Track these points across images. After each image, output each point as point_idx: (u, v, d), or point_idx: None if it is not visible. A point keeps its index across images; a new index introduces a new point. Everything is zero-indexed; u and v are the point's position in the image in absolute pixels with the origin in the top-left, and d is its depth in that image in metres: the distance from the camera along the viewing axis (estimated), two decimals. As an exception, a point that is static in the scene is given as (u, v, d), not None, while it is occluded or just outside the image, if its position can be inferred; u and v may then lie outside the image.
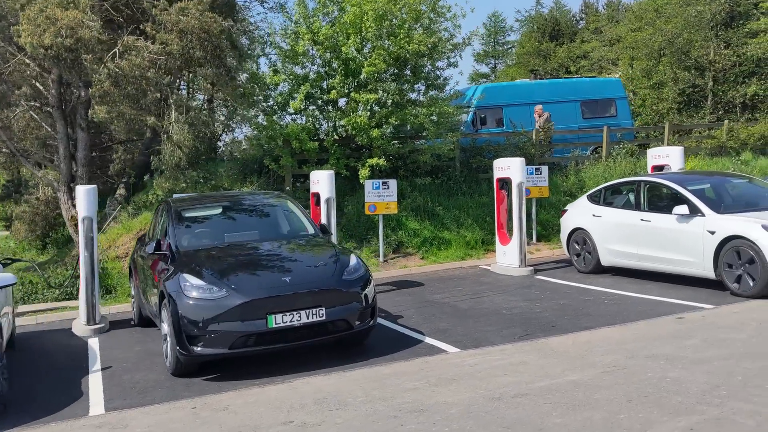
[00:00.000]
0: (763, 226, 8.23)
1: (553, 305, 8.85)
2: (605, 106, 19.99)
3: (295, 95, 12.66)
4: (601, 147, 17.77)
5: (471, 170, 15.86)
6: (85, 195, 8.96)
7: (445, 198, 14.68)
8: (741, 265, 8.38)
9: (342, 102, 13.81)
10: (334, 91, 12.64)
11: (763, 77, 26.52)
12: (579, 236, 11.21)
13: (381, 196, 12.72)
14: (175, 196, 10.09)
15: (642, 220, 9.92)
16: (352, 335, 6.82)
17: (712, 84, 27.52)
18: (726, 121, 19.46)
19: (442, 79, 14.09)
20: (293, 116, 13.87)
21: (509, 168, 11.72)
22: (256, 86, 12.92)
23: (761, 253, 8.11)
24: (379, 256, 12.88)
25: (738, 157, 18.48)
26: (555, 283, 10.50)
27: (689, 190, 9.43)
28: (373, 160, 13.04)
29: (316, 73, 13.48)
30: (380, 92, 12.71)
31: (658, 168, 13.19)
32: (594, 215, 10.96)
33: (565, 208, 12.05)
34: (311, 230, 8.01)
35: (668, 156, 12.97)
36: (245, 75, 13.16)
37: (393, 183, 12.78)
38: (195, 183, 13.03)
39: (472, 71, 57.39)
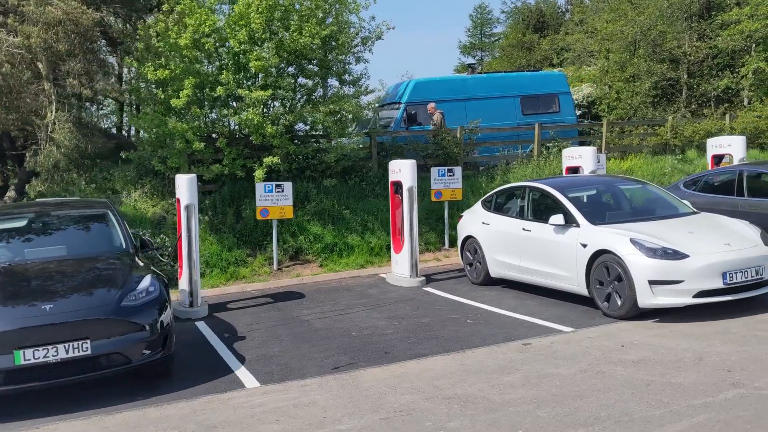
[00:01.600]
0: (632, 240, 7.42)
1: (412, 325, 8.05)
2: (547, 102, 19.13)
3: (183, 91, 11.76)
4: (544, 144, 16.88)
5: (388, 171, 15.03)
6: None
7: (355, 200, 13.85)
8: (610, 282, 7.59)
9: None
10: (220, 87, 11.77)
11: (735, 70, 25.66)
12: (471, 245, 10.41)
13: (275, 200, 11.90)
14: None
15: (524, 229, 9.11)
16: (135, 369, 6.00)
17: (687, 77, 26.69)
18: (670, 118, 18.62)
19: (349, 74, 13.22)
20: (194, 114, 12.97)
21: (400, 171, 10.91)
22: (142, 82, 12.04)
23: (627, 270, 7.32)
24: (273, 264, 12.07)
25: (682, 154, 17.70)
26: (437, 296, 9.70)
27: (568, 198, 8.61)
28: (269, 159, 12.19)
29: (217, 68, 12.60)
30: (270, 89, 11.82)
31: (573, 169, 12.43)
32: (483, 222, 10.16)
33: (462, 214, 11.25)
34: (124, 246, 7.20)
35: (581, 156, 12.20)
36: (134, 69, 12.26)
37: (288, 186, 11.96)
38: (78, 186, 12.20)
39: (458, 63, 56.49)
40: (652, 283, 7.13)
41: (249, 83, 12.02)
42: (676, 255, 7.17)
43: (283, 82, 12.19)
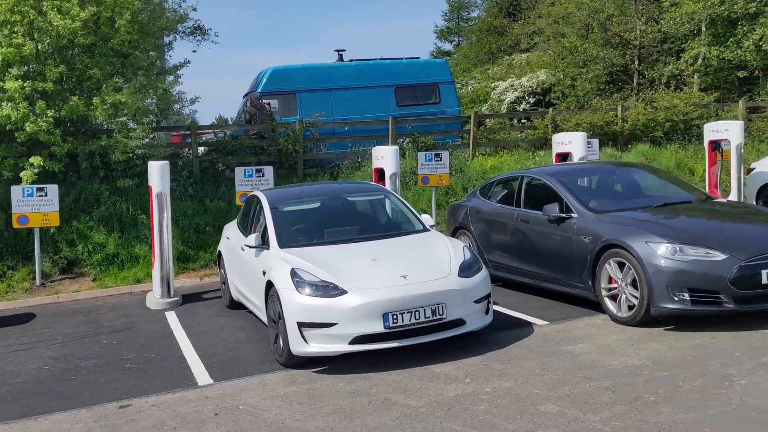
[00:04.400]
0: (293, 271, 5.99)
1: (54, 372, 6.52)
2: (426, 92, 17.65)
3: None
4: (414, 138, 15.36)
5: (218, 170, 13.65)
6: None
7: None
8: (276, 321, 6.18)
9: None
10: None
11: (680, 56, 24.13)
12: (222, 261, 9.00)
13: (36, 206, 10.47)
14: None
15: (242, 248, 7.68)
16: None
17: (638, 63, 25.21)
18: (550, 110, 17.11)
19: (134, 63, 11.74)
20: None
21: (151, 174, 9.47)
22: None
23: (282, 307, 5.90)
24: (36, 279, 10.64)
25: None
26: (163, 325, 8.25)
27: (274, 212, 7.18)
28: (35, 159, 10.75)
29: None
30: (30, 80, 10.34)
31: (380, 171, 11.03)
32: (227, 237, 8.75)
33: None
34: None
35: (383, 157, 10.80)
36: None
37: (53, 189, 10.53)
38: None
39: (434, 49, 54.79)
40: (302, 325, 5.71)
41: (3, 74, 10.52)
42: (334, 291, 5.74)
43: (50, 72, 10.68)
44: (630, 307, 6.40)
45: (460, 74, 35.24)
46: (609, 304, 6.66)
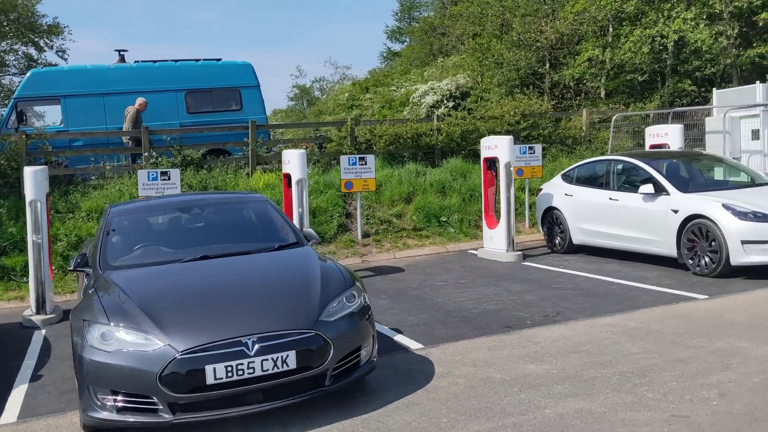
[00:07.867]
0: None
1: None
2: (224, 98, 15.73)
3: None
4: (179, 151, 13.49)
5: None
6: None
7: None
8: None
9: None
10: None
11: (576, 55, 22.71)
12: None
13: None
14: None
15: None
16: None
17: (548, 66, 23.68)
18: (349, 119, 15.35)
19: None
20: None
21: None
22: None
23: None
24: None
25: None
26: None
27: None
28: None
29: None
30: None
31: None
32: None
33: None
34: None
35: (25, 179, 8.91)
36: None
37: None
38: None
39: (384, 50, 52.82)
40: None
41: None
42: None
43: None
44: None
45: (399, 76, 33.69)
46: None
